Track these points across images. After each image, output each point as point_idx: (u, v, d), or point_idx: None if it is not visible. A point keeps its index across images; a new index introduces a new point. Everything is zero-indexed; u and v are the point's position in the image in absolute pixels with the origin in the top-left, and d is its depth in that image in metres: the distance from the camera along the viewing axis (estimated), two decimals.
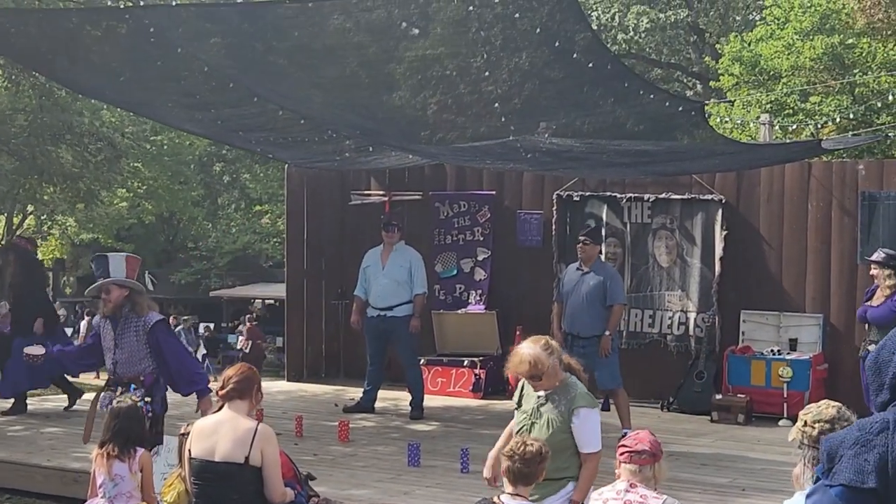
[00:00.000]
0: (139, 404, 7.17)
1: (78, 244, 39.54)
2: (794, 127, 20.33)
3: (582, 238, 11.16)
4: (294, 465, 6.38)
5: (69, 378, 12.70)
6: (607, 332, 10.73)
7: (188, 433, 6.33)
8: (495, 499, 5.20)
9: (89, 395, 14.54)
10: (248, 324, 29.56)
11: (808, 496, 3.20)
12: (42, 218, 32.43)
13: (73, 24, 9.08)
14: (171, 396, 8.83)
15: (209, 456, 5.81)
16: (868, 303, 10.55)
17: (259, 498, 5.82)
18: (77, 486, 8.65)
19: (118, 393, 8.08)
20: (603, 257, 13.53)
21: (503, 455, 5.29)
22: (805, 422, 4.45)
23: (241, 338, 29.95)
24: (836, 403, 4.55)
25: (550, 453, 5.34)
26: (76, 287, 43.93)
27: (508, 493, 5.19)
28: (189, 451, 5.94)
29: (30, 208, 31.12)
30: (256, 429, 5.81)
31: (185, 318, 31.81)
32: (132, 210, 34.03)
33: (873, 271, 10.40)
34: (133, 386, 8.06)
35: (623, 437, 5.43)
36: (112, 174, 25.06)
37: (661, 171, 12.60)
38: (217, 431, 5.83)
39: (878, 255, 10.37)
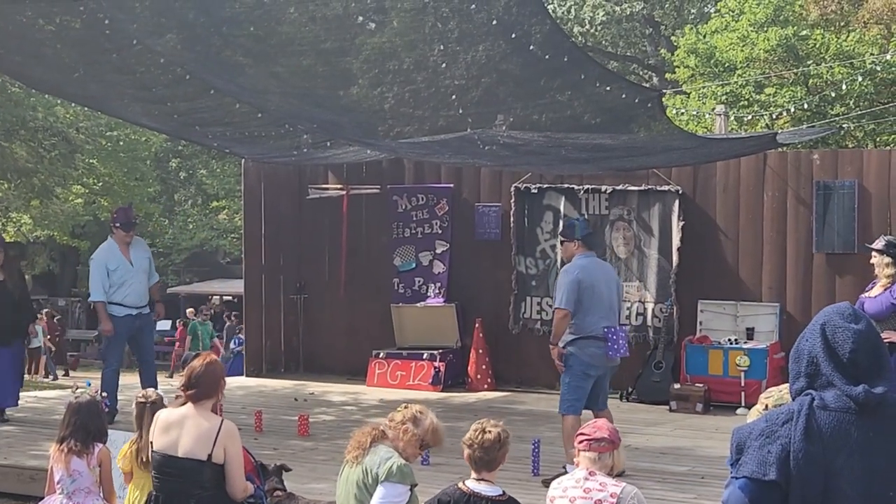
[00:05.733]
0: (97, 399, 7.12)
1: (33, 241, 39.17)
2: (750, 118, 20.47)
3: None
4: (252, 457, 6.36)
5: None
6: (550, 343, 9.18)
7: (147, 401, 6.52)
8: (461, 484, 5.23)
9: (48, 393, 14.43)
10: (43, 318, 28.21)
11: (725, 487, 3.21)
12: None
13: (27, 19, 8.99)
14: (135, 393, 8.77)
15: (171, 450, 5.78)
16: (866, 294, 9.29)
17: (220, 493, 5.79)
18: (34, 484, 8.58)
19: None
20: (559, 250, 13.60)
21: (463, 443, 5.31)
22: (766, 405, 4.47)
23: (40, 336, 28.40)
24: None
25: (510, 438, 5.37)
26: (31, 285, 43.50)
27: (473, 479, 5.24)
28: (151, 443, 5.93)
29: None
30: (220, 426, 5.78)
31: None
32: (88, 207, 33.71)
33: (873, 259, 9.17)
34: (89, 382, 8.02)
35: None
36: (67, 169, 24.86)
37: (619, 166, 12.65)
38: (181, 426, 5.80)
39: (878, 243, 9.23)
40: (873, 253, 9.12)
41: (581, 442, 5.25)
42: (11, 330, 11.62)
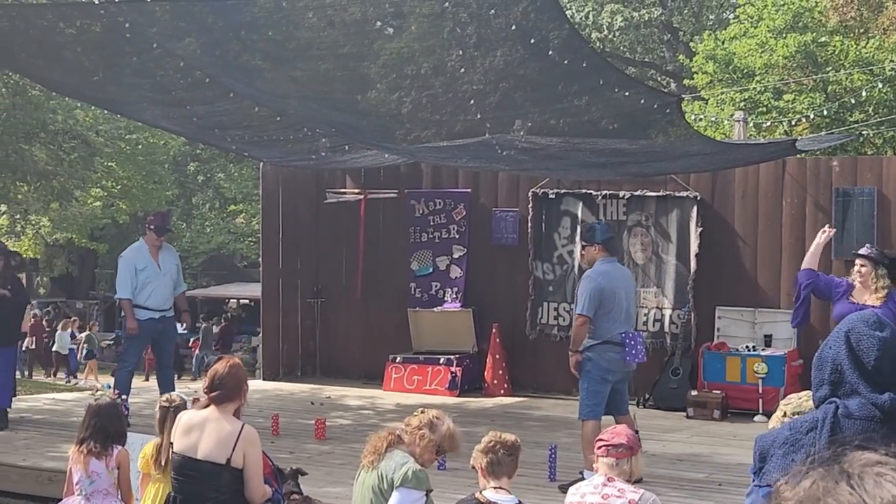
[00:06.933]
0: (117, 402, 7.14)
1: (52, 244, 39.32)
2: (768, 124, 20.39)
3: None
4: (271, 460, 6.37)
5: None
6: (570, 350, 9.23)
7: (171, 405, 6.44)
8: (477, 494, 5.21)
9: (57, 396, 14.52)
10: (72, 321, 29.61)
11: (747, 495, 3.20)
12: (15, 217, 32.20)
13: (47, 22, 9.03)
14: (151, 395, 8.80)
15: (191, 452, 5.79)
16: (852, 299, 8.59)
17: (238, 497, 5.79)
18: (52, 486, 8.61)
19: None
20: (577, 255, 13.58)
21: (480, 453, 5.29)
22: (785, 412, 4.46)
23: (67, 339, 28.55)
24: None
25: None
26: (50, 287, 43.68)
27: (492, 488, 5.21)
28: (171, 444, 5.94)
29: (3, 207, 30.90)
30: (240, 431, 5.77)
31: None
32: (106, 210, 33.84)
33: (862, 268, 8.57)
34: (109, 384, 8.04)
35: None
36: (86, 172, 24.97)
37: (637, 171, 12.62)
38: (202, 428, 5.80)
39: (866, 250, 8.73)
40: (861, 260, 8.60)
41: (600, 448, 5.24)
42: (9, 333, 11.60)
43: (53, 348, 29.22)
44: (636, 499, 5.06)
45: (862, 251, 8.80)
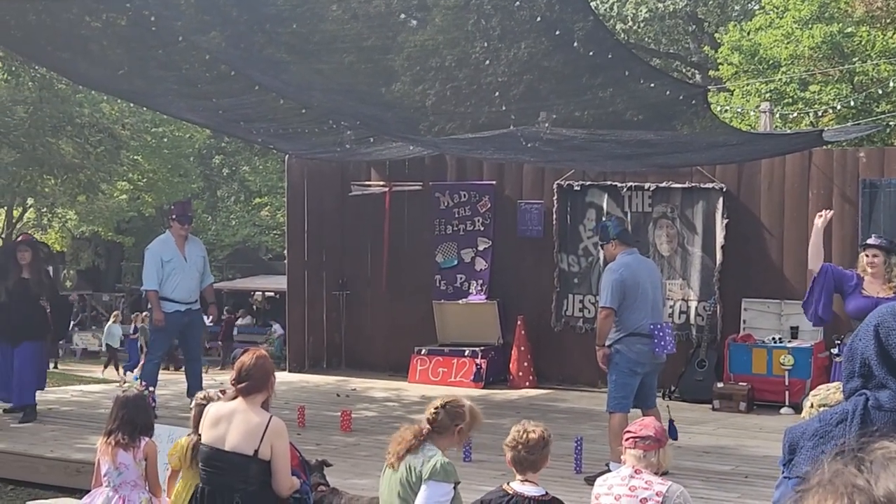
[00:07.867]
0: (144, 393, 7.17)
1: (78, 237, 39.52)
2: (794, 116, 20.29)
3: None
4: (299, 452, 6.38)
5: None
6: (596, 344, 9.16)
7: (207, 403, 6.40)
8: (505, 485, 5.23)
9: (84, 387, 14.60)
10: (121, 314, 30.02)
11: (776, 487, 3.18)
12: (42, 211, 32.38)
13: (74, 15, 9.08)
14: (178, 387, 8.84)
15: (219, 444, 5.82)
16: (865, 292, 8.36)
17: (265, 489, 5.81)
18: (80, 477, 8.67)
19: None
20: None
21: (506, 445, 5.30)
22: (812, 403, 4.45)
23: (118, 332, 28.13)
24: None
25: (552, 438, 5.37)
26: (76, 280, 43.91)
27: (518, 480, 5.23)
28: (200, 435, 5.97)
29: (30, 201, 31.08)
30: (268, 423, 5.79)
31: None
32: (132, 203, 34.00)
33: (874, 258, 8.39)
34: (136, 377, 8.07)
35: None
36: (112, 165, 25.10)
37: (663, 162, 12.58)
38: (230, 420, 5.83)
39: (875, 240, 8.57)
40: (872, 251, 8.43)
41: (627, 439, 5.24)
42: (33, 326, 11.45)
43: (104, 340, 29.04)
44: (663, 490, 5.06)
45: (871, 241, 8.68)
